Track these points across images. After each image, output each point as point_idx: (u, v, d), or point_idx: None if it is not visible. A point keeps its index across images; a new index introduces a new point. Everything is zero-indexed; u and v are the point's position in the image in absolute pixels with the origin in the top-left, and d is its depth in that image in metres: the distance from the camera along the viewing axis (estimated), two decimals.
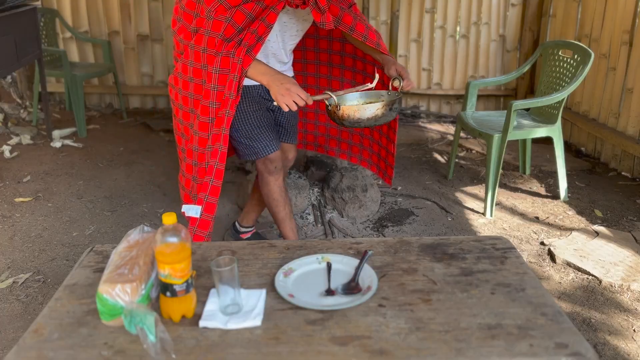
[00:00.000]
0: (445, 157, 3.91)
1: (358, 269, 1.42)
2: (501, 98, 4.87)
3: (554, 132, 3.07)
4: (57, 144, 4.01)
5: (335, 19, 1.95)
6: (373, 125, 1.83)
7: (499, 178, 2.99)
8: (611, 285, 2.33)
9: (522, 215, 3.02)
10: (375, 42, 2.06)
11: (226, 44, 1.81)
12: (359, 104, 1.90)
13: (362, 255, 1.48)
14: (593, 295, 2.29)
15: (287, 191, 2.26)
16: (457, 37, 4.71)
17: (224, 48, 1.81)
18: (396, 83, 1.97)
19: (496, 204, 3.10)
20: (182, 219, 2.88)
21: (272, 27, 1.85)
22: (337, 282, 1.39)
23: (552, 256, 2.57)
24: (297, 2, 1.83)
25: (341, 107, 1.80)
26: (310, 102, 1.79)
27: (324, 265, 1.47)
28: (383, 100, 1.87)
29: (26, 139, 4.10)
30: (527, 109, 3.39)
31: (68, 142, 4.06)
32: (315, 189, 3.16)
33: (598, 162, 3.80)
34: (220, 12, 1.82)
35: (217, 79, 1.83)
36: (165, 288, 1.22)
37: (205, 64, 1.84)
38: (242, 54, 1.81)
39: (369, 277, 1.39)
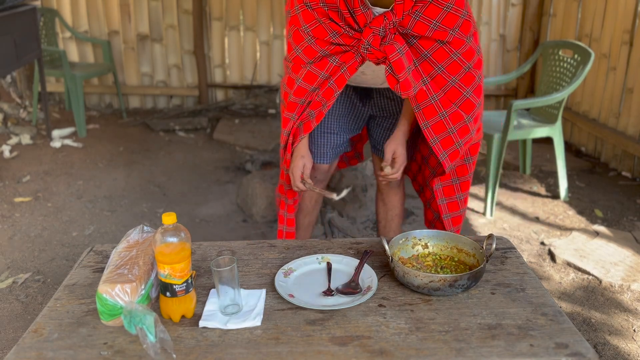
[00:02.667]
0: None
1: (358, 269, 1.42)
2: (501, 98, 4.87)
3: (554, 132, 3.07)
4: (56, 144, 4.01)
5: (414, 88, 1.60)
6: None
7: (499, 178, 2.99)
8: (611, 285, 2.33)
9: (522, 215, 3.02)
10: (433, 139, 1.69)
11: (298, 107, 1.72)
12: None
13: (362, 255, 1.48)
14: (593, 295, 2.29)
15: (319, 204, 2.17)
16: None
17: (294, 112, 1.73)
18: (386, 170, 1.79)
19: (496, 204, 3.10)
20: (181, 219, 2.89)
21: (338, 94, 1.67)
22: (337, 282, 1.39)
23: (552, 256, 2.57)
24: (374, 59, 1.58)
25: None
26: (299, 186, 1.75)
27: (324, 265, 1.47)
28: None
29: (26, 138, 4.10)
30: (528, 109, 3.39)
31: (68, 142, 4.06)
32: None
33: (598, 162, 3.80)
34: (297, 64, 1.69)
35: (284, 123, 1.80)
36: (165, 288, 1.22)
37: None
38: (307, 119, 1.72)
39: (369, 277, 1.39)
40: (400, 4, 1.50)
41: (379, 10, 1.54)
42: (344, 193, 1.73)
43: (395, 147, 1.76)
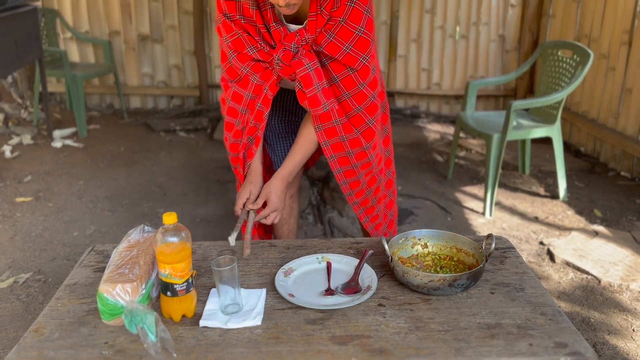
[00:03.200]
0: (444, 157, 3.91)
1: (358, 268, 1.42)
2: (501, 98, 4.87)
3: (554, 132, 3.08)
4: (57, 144, 4.01)
5: (324, 105, 1.58)
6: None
7: (498, 178, 2.99)
8: (610, 285, 2.34)
9: (522, 215, 3.03)
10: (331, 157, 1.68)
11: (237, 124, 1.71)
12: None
13: (362, 255, 1.48)
14: (592, 294, 2.29)
15: (292, 209, 2.11)
16: (457, 37, 4.71)
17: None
18: (251, 213, 1.67)
19: (495, 204, 3.11)
20: (182, 218, 2.90)
21: (268, 114, 1.64)
22: (337, 281, 1.40)
23: (551, 256, 2.57)
24: (286, 75, 1.57)
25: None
26: (237, 211, 1.65)
27: (324, 265, 1.48)
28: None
29: (27, 139, 4.10)
30: (527, 109, 3.39)
31: (69, 142, 4.07)
32: (315, 189, 3.17)
33: (597, 162, 3.80)
34: (226, 83, 1.71)
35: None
36: (165, 288, 1.22)
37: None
38: (246, 146, 1.70)
39: (369, 277, 1.40)
40: (313, 20, 1.50)
41: (294, 27, 1.55)
42: (232, 236, 1.56)
43: (269, 192, 1.65)
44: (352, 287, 1.36)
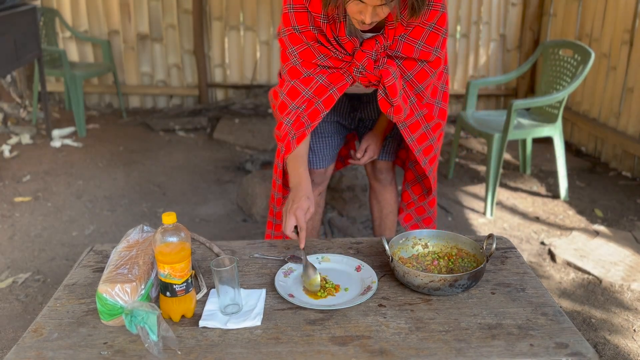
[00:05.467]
0: (445, 157, 3.91)
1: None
2: (501, 98, 4.86)
3: (555, 131, 3.07)
4: (56, 144, 4.01)
5: (404, 111, 1.65)
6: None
7: (499, 178, 2.99)
8: (611, 285, 2.33)
9: (523, 215, 3.02)
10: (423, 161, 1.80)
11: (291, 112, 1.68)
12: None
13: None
14: (593, 294, 2.29)
15: (319, 206, 2.13)
16: (458, 36, 4.70)
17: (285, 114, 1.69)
18: (352, 154, 1.91)
19: (496, 204, 3.10)
20: (181, 218, 2.89)
21: (325, 114, 1.66)
22: (337, 282, 1.39)
23: (552, 256, 2.57)
24: (366, 82, 1.59)
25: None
26: (287, 234, 1.55)
27: (324, 265, 1.47)
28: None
29: (26, 138, 4.09)
30: (528, 109, 3.38)
31: (68, 141, 4.06)
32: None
33: (598, 161, 3.80)
34: (282, 81, 1.70)
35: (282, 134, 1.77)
36: (165, 288, 1.22)
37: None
38: (286, 138, 1.67)
39: (369, 277, 1.39)
40: (392, 28, 1.51)
41: (366, 35, 1.54)
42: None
43: (370, 141, 1.88)
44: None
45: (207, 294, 1.33)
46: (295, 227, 1.51)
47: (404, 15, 1.42)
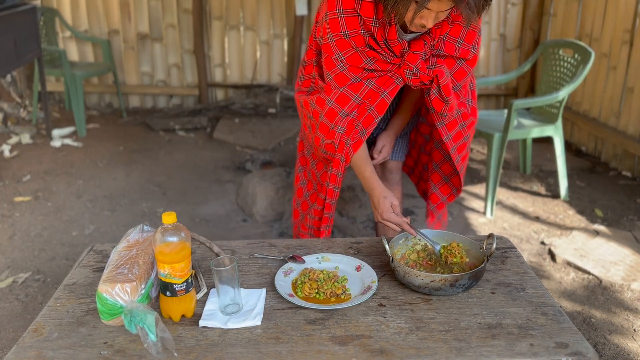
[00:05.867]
0: None
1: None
2: (502, 97, 4.86)
3: (555, 131, 3.07)
4: (56, 144, 4.00)
5: (455, 109, 1.68)
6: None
7: (499, 177, 2.99)
8: (611, 285, 2.33)
9: (523, 215, 3.02)
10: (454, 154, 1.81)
11: (341, 120, 1.66)
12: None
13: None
14: (593, 294, 2.29)
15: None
16: None
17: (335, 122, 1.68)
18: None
19: (496, 203, 3.10)
20: (181, 218, 2.89)
21: (379, 119, 1.66)
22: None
23: (552, 255, 2.57)
24: (418, 83, 1.59)
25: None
26: (403, 228, 1.57)
27: (324, 264, 1.47)
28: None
29: (26, 138, 4.09)
30: (528, 108, 3.38)
31: (68, 141, 4.06)
32: None
33: (598, 161, 3.80)
34: (329, 87, 1.68)
35: (326, 144, 1.75)
36: (165, 287, 1.22)
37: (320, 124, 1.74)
38: (344, 148, 1.68)
39: (369, 276, 1.39)
40: (439, 28, 1.53)
41: (410, 36, 1.56)
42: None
43: (386, 141, 1.88)
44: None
45: (207, 294, 1.33)
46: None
47: (474, 14, 1.40)
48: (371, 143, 1.92)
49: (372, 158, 1.90)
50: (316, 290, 1.33)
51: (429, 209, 2.06)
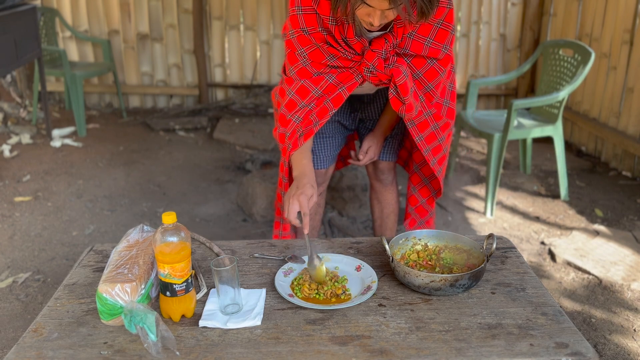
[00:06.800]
0: None
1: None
2: (502, 97, 4.86)
3: (555, 131, 3.07)
4: (56, 143, 4.01)
5: (415, 108, 1.67)
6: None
7: (499, 177, 2.99)
8: (611, 285, 2.33)
9: (523, 215, 3.02)
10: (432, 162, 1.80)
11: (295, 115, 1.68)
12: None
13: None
14: (593, 294, 2.29)
15: (319, 206, 2.14)
16: (458, 36, 4.70)
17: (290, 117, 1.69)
18: (352, 155, 1.96)
19: (496, 203, 3.10)
20: (181, 218, 2.89)
21: (333, 112, 1.66)
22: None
23: (552, 256, 2.57)
24: (377, 81, 1.59)
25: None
26: (291, 219, 1.55)
27: (324, 265, 1.47)
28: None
29: (26, 138, 4.09)
30: (528, 108, 3.38)
31: (68, 141, 4.06)
32: None
33: (598, 161, 3.80)
34: (290, 80, 1.68)
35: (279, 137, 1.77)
36: (165, 287, 1.22)
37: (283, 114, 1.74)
38: (294, 135, 1.67)
39: (369, 276, 1.39)
40: (401, 26, 1.51)
41: (373, 34, 1.54)
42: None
43: (371, 143, 1.88)
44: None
45: (207, 294, 1.33)
46: (299, 213, 1.51)
47: (412, 16, 1.41)
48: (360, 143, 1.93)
49: (357, 159, 1.90)
50: (316, 291, 1.33)
51: (407, 210, 2.05)
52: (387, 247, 1.38)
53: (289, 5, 1.57)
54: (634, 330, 2.07)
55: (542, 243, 2.70)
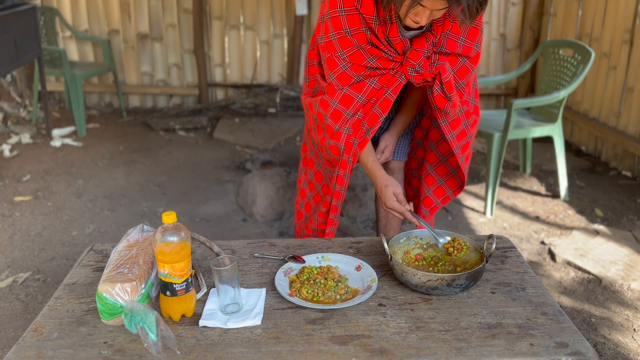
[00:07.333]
0: None
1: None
2: (502, 97, 4.86)
3: (555, 131, 3.07)
4: (56, 143, 4.00)
5: (458, 106, 1.67)
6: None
7: (499, 177, 2.99)
8: (611, 284, 2.33)
9: (523, 215, 3.02)
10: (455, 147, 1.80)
11: (345, 120, 1.67)
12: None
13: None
14: (593, 294, 2.29)
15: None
16: None
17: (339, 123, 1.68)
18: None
19: (496, 203, 3.10)
20: (181, 218, 2.89)
21: (383, 118, 1.67)
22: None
23: (552, 255, 2.57)
24: (420, 80, 1.59)
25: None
26: (406, 217, 1.60)
27: (324, 264, 1.47)
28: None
29: (26, 137, 4.09)
30: (528, 108, 3.38)
31: (68, 141, 4.06)
32: None
33: (598, 161, 3.80)
34: (332, 88, 1.68)
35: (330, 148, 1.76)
36: (165, 287, 1.22)
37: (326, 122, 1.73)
38: (351, 149, 1.68)
39: (369, 276, 1.39)
40: (440, 25, 1.53)
41: (411, 33, 1.56)
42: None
43: (388, 141, 1.87)
44: None
45: (207, 294, 1.34)
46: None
47: (467, 17, 1.40)
48: (374, 143, 1.92)
49: None
50: (315, 294, 1.33)
51: (421, 212, 2.05)
52: (386, 245, 1.38)
53: (329, 7, 1.56)
54: (634, 329, 2.07)
55: (542, 243, 2.70)
